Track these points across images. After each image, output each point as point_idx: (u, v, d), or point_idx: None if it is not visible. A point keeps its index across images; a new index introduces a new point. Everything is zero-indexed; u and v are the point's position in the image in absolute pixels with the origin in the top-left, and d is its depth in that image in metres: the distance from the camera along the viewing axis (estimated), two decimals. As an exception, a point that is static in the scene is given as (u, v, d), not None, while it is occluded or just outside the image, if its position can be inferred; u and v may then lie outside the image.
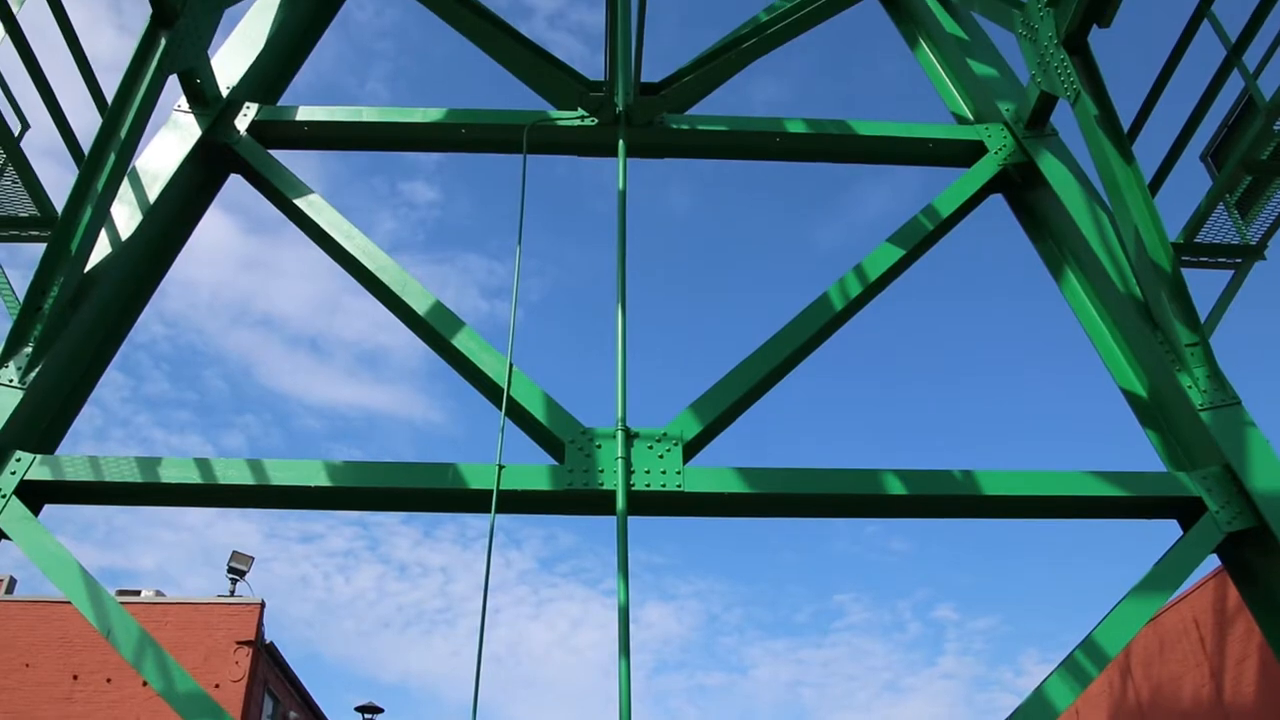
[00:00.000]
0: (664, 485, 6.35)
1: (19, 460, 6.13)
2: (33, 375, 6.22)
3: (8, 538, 5.92)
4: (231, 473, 6.28)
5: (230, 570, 24.49)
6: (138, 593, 24.36)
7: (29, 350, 6.25)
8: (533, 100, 8.69)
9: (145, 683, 5.46)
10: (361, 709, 26.54)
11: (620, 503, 6.22)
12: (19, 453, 6.15)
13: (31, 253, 6.51)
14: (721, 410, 6.72)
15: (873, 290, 7.48)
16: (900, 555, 67.90)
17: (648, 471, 6.39)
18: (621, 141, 8.09)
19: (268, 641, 23.38)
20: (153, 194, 7.25)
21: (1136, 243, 6.86)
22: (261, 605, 23.18)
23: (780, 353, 7.00)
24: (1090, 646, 5.82)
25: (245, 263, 63.54)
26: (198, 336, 62.68)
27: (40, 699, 21.28)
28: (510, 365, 6.79)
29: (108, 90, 6.75)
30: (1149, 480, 6.48)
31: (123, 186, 7.14)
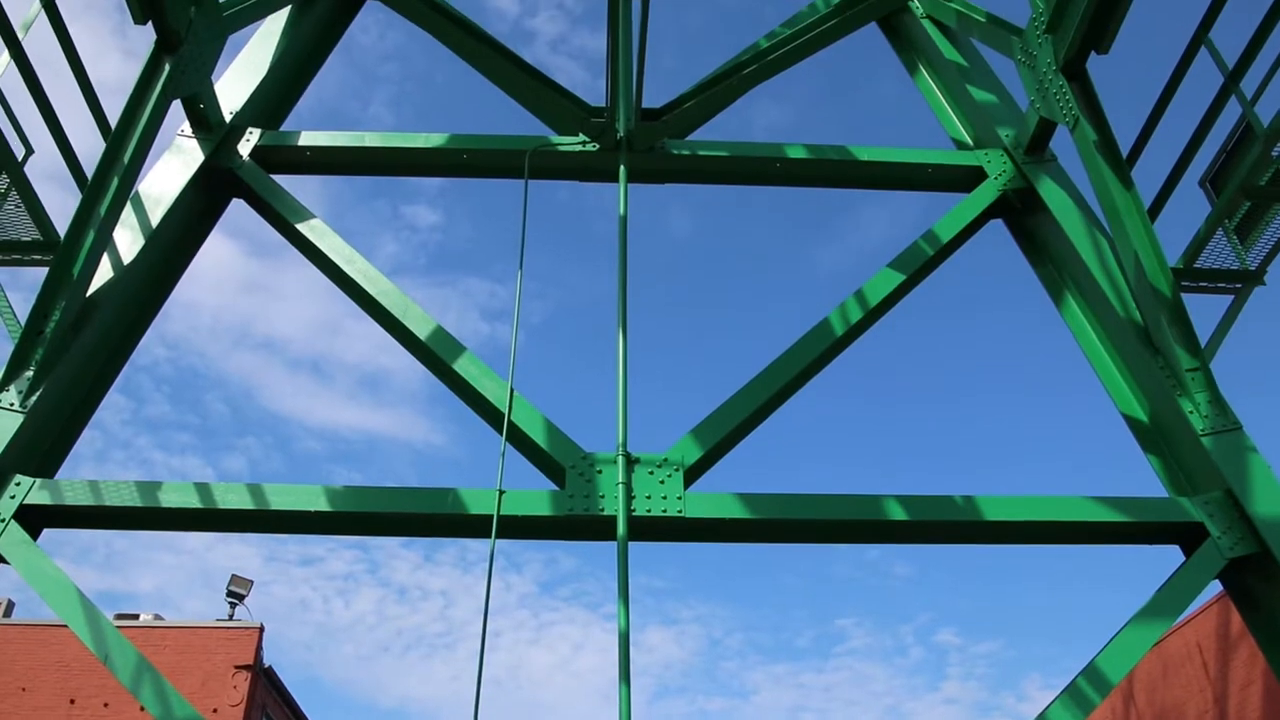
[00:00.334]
0: (665, 511, 6.33)
1: (19, 484, 6.12)
2: (34, 399, 6.22)
3: (6, 562, 5.89)
4: (231, 497, 6.28)
5: (229, 595, 24.37)
6: (136, 616, 24.23)
7: (30, 374, 6.26)
8: (534, 125, 8.75)
9: (143, 708, 5.42)
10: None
11: (621, 528, 6.20)
12: (19, 476, 6.14)
13: (34, 276, 6.55)
14: (722, 435, 6.72)
15: (874, 315, 7.48)
16: (902, 579, 67.57)
17: (649, 497, 6.38)
18: (623, 167, 8.11)
19: (266, 665, 23.23)
20: (155, 218, 7.28)
21: (1136, 268, 6.87)
22: (260, 629, 23.05)
23: (781, 378, 7.00)
24: (1093, 673, 5.79)
25: (247, 286, 63.67)
26: (199, 359, 62.75)
27: (37, 723, 21.16)
28: (511, 390, 6.80)
29: (111, 115, 6.80)
30: (1151, 506, 6.46)
31: (125, 211, 7.16)
